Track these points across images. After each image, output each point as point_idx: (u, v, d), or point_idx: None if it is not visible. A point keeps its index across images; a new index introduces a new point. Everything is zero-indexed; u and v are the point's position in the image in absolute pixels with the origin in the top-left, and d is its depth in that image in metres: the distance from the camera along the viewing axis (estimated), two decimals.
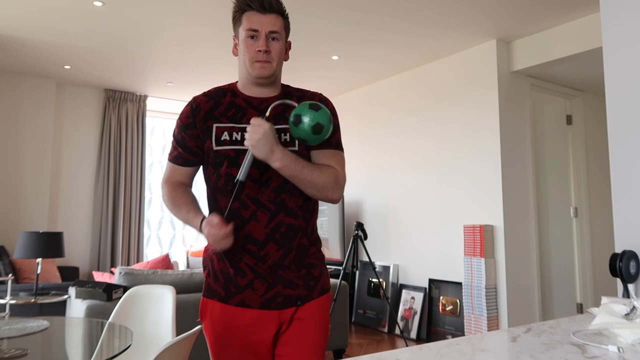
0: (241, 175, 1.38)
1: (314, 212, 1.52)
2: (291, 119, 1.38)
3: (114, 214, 5.78)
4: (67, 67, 5.06)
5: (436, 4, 3.56)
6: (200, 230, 1.39)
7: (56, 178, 5.54)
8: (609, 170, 3.49)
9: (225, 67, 5.03)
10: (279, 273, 1.42)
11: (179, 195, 1.50)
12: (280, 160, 1.34)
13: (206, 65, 4.99)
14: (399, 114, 5.21)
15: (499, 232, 4.10)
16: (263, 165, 1.40)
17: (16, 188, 5.17)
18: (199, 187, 3.90)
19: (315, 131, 1.36)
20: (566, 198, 4.93)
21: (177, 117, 7.31)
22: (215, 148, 1.43)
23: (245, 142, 1.35)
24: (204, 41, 4.31)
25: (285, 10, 1.48)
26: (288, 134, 1.46)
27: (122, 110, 5.93)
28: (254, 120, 1.35)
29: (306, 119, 1.35)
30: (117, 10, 3.71)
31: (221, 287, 1.44)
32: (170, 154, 1.53)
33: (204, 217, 1.41)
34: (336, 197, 1.46)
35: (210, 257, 1.49)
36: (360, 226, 4.65)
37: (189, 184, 1.56)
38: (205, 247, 1.53)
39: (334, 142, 1.50)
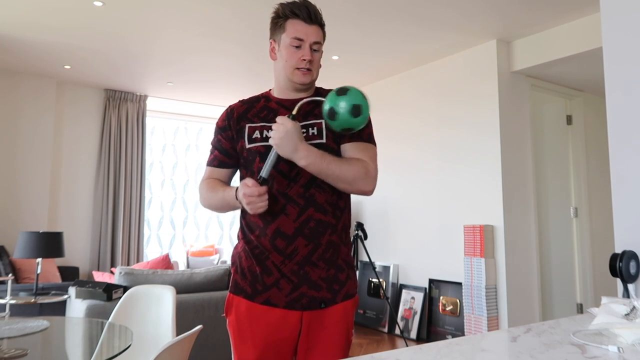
0: (264, 172, 1.38)
1: (344, 210, 1.52)
2: (326, 116, 1.35)
3: (114, 214, 5.78)
4: (67, 67, 5.06)
5: (436, 4, 3.56)
6: (237, 198, 1.41)
7: (56, 178, 5.54)
8: (609, 170, 3.49)
9: (225, 67, 5.04)
10: (306, 269, 1.43)
11: (215, 183, 1.55)
12: (305, 159, 1.36)
13: (206, 65, 4.99)
14: (399, 114, 5.21)
15: (499, 232, 4.10)
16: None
17: (16, 188, 5.17)
18: None
19: (355, 114, 1.33)
20: (566, 198, 4.92)
21: (176, 116, 7.32)
22: (247, 146, 1.49)
23: (270, 141, 1.37)
24: (204, 41, 4.31)
25: (324, 23, 1.52)
26: (316, 128, 1.48)
27: (122, 110, 5.93)
28: (279, 119, 1.37)
29: (341, 107, 1.32)
30: (117, 10, 3.71)
31: (248, 285, 1.46)
32: (208, 159, 1.60)
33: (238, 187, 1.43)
34: (368, 189, 1.46)
35: (239, 254, 1.51)
36: (360, 226, 4.65)
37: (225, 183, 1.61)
38: (236, 245, 1.56)
39: (365, 136, 1.51)
